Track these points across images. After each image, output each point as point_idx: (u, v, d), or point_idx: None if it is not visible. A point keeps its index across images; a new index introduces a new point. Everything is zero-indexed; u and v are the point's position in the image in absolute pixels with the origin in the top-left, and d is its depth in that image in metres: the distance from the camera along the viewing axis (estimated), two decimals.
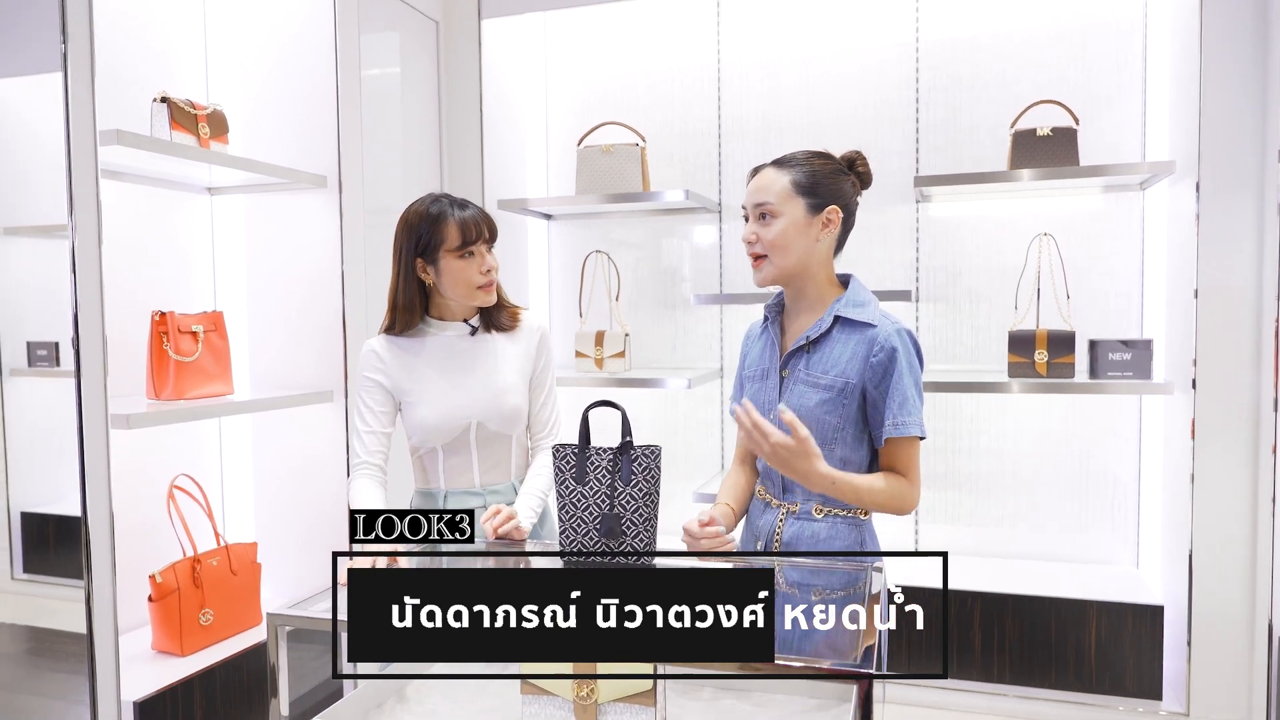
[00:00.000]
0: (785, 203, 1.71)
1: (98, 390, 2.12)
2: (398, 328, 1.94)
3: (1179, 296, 2.81)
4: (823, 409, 1.70)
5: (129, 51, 2.67)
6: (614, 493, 1.60)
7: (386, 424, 1.94)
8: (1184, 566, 2.75)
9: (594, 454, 1.63)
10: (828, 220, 1.72)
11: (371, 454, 1.92)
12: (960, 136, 3.21)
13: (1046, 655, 2.89)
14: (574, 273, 3.64)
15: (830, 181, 1.73)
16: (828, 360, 1.71)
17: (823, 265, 1.76)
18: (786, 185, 1.72)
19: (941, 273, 3.25)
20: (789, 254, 1.72)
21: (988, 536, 3.30)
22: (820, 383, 1.71)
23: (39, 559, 2.40)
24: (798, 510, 1.74)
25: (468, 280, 1.89)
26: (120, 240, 2.59)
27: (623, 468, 1.61)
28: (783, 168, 1.75)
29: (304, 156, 2.81)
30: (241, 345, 2.88)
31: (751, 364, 1.86)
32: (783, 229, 1.71)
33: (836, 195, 1.73)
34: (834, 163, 1.77)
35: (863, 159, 1.79)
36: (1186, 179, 2.73)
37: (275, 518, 2.94)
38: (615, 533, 1.60)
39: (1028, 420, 3.23)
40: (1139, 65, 3.07)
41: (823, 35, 3.36)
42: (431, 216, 1.87)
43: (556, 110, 3.70)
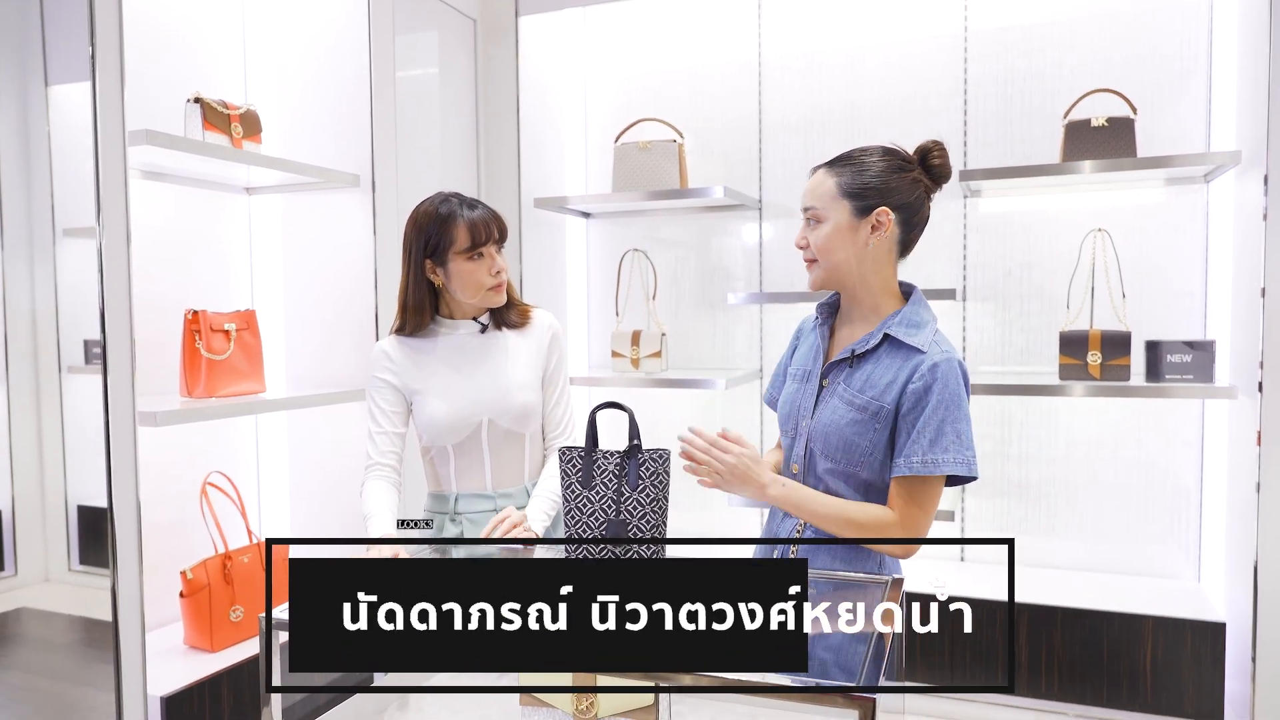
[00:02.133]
0: (830, 206, 1.62)
1: (125, 387, 2.14)
2: (408, 329, 1.92)
3: (1244, 295, 2.65)
4: (853, 429, 1.60)
5: (168, 53, 2.70)
6: (620, 498, 1.55)
7: (399, 424, 1.92)
8: (1248, 581, 2.58)
9: (601, 457, 1.58)
10: (877, 223, 1.60)
11: (384, 455, 1.89)
12: (1011, 130, 3.08)
13: (1098, 672, 2.75)
14: (613, 271, 3.59)
15: (883, 180, 1.60)
16: (868, 380, 1.61)
17: (877, 271, 1.64)
18: (832, 188, 1.62)
19: (990, 270, 3.13)
20: (834, 258, 1.63)
21: (1038, 546, 3.16)
22: (855, 402, 1.61)
23: (94, 552, 2.45)
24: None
25: (477, 282, 1.85)
26: (158, 240, 2.63)
27: (629, 472, 1.55)
28: (834, 168, 1.64)
29: (339, 156, 2.82)
30: (279, 344, 2.90)
31: (799, 361, 1.78)
32: (828, 234, 1.62)
33: (889, 194, 1.59)
34: (895, 159, 1.63)
35: (939, 150, 1.63)
36: (1254, 170, 2.57)
37: (310, 515, 2.96)
38: (621, 540, 1.55)
39: (1081, 425, 3.09)
40: (1204, 51, 2.90)
41: (866, 27, 3.26)
42: (440, 217, 1.84)
43: (595, 107, 3.66)
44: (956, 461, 1.53)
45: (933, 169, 1.64)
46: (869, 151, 1.64)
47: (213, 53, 2.85)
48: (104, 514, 2.46)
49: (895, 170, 1.61)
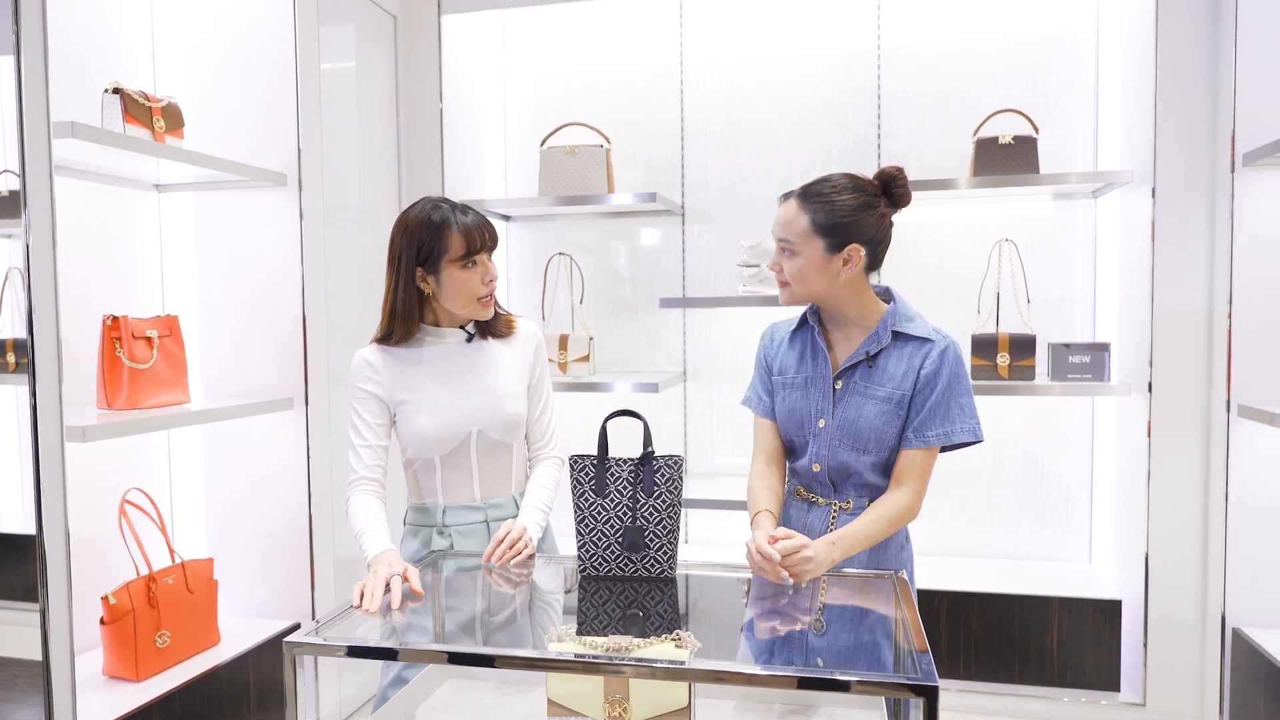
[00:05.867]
0: (804, 242, 1.71)
1: (53, 400, 1.97)
2: (395, 338, 1.85)
3: (1133, 301, 2.91)
4: (881, 419, 1.74)
5: (73, 37, 2.50)
6: (636, 505, 1.56)
7: (382, 437, 1.85)
8: (1140, 563, 2.85)
9: (614, 465, 1.59)
10: (848, 258, 1.71)
11: (369, 469, 1.82)
12: (922, 144, 3.26)
13: (1011, 651, 2.96)
14: (533, 274, 3.57)
15: (853, 219, 1.69)
16: (887, 373, 1.75)
17: (854, 291, 1.76)
18: (806, 226, 1.70)
19: (904, 278, 3.30)
20: (809, 287, 1.75)
21: (952, 535, 3.36)
22: (879, 395, 1.75)
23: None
24: (850, 507, 1.77)
25: (470, 291, 1.81)
26: (65, 239, 2.43)
27: (644, 479, 1.56)
28: (805, 203, 1.72)
29: (260, 153, 2.68)
30: (193, 351, 2.73)
31: (787, 370, 1.85)
32: (802, 266, 1.73)
33: (858, 233, 1.70)
34: (863, 195, 1.71)
35: (900, 179, 1.73)
36: (1140, 187, 2.83)
37: (229, 531, 2.80)
38: (638, 546, 1.56)
39: (986, 422, 3.29)
40: (1090, 76, 3.17)
41: (785, 40, 3.37)
42: (434, 224, 1.78)
43: (515, 110, 3.62)
44: (964, 430, 1.74)
45: (895, 196, 1.75)
46: (839, 187, 1.72)
47: (118, 38, 2.66)
48: (5, 539, 2.26)
49: (863, 207, 1.71)
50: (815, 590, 1.58)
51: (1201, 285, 2.75)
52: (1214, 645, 2.76)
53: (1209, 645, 2.79)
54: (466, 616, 1.58)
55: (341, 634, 1.40)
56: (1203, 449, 2.77)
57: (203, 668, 2.44)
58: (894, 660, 1.28)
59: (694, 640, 1.32)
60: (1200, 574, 2.80)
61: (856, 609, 1.53)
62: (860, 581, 1.63)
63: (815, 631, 1.45)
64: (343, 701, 2.91)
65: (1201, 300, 2.75)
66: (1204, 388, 2.76)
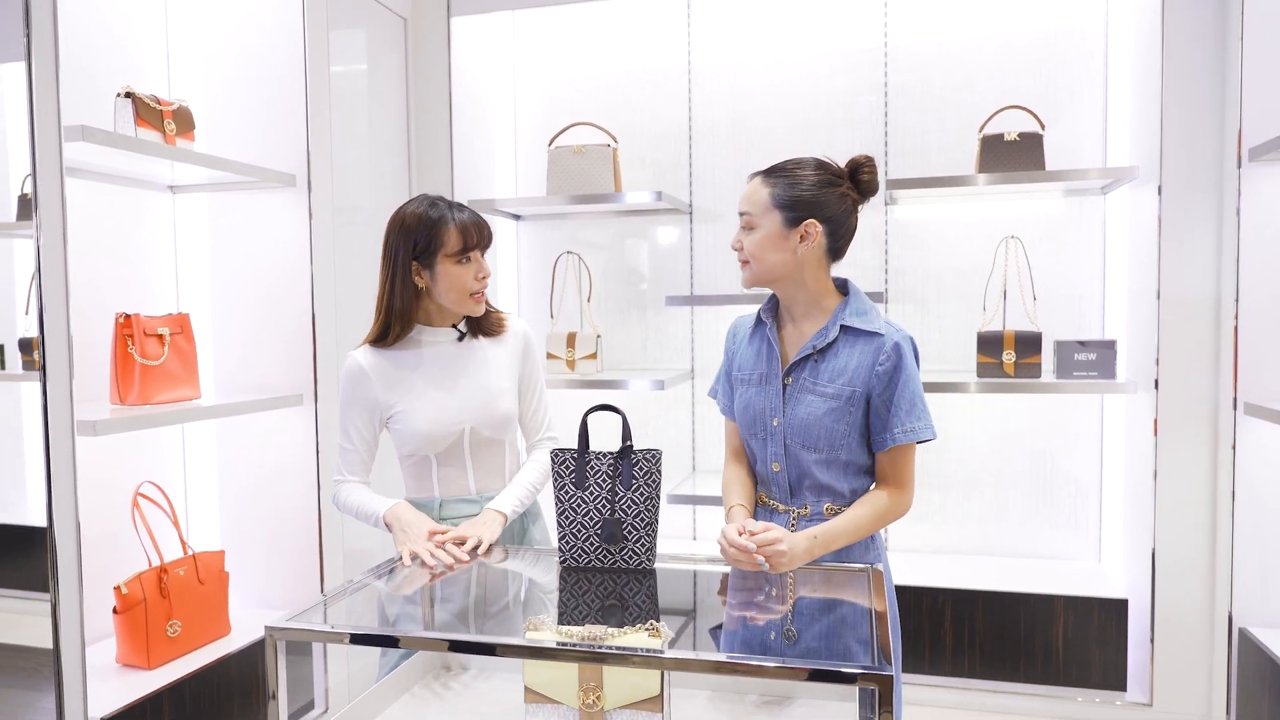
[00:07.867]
0: (763, 215, 1.73)
1: (63, 396, 2.04)
2: (390, 338, 1.88)
3: (1140, 298, 2.89)
4: (831, 417, 1.71)
5: (88, 42, 2.58)
6: (615, 498, 1.59)
7: (371, 443, 1.93)
8: (1147, 561, 2.82)
9: (594, 458, 1.62)
10: (805, 233, 1.71)
11: (355, 472, 1.90)
12: (928, 141, 3.26)
13: (1016, 649, 2.95)
14: (542, 273, 3.61)
15: (813, 195, 1.70)
16: (834, 369, 1.72)
17: (812, 274, 1.75)
18: (766, 198, 1.72)
19: (910, 275, 3.30)
20: (766, 263, 1.74)
21: (956, 534, 3.35)
22: (828, 391, 1.71)
23: (14, 573, 2.30)
24: (809, 513, 1.74)
25: (463, 286, 1.85)
26: (76, 239, 2.50)
27: (623, 472, 1.59)
28: (769, 178, 1.74)
29: (271, 154, 2.74)
30: (206, 348, 2.80)
31: (744, 366, 1.84)
32: (759, 240, 1.73)
33: (817, 208, 1.71)
34: (826, 173, 1.73)
35: (869, 166, 1.75)
36: (1148, 183, 2.80)
37: (241, 525, 2.87)
38: (616, 538, 1.59)
39: (993, 419, 3.29)
40: (1099, 72, 3.15)
41: (792, 39, 3.38)
42: (430, 220, 1.82)
43: (525, 110, 3.67)
44: (924, 426, 1.72)
45: (861, 184, 1.76)
46: (803, 165, 1.74)
47: (133, 43, 2.73)
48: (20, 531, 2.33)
49: (825, 185, 1.72)
50: (787, 582, 1.60)
51: (1208, 281, 2.72)
52: (1221, 645, 2.73)
53: (1216, 645, 2.76)
54: (460, 606, 1.62)
55: (332, 620, 1.45)
56: (1210, 447, 2.74)
57: (213, 657, 2.50)
58: (861, 651, 1.29)
59: (667, 630, 1.35)
60: (1208, 573, 2.77)
61: (829, 600, 1.55)
62: (835, 574, 1.64)
63: (787, 623, 1.47)
64: (351, 677, 2.96)
65: (1208, 296, 2.72)
66: (1211, 385, 2.73)
